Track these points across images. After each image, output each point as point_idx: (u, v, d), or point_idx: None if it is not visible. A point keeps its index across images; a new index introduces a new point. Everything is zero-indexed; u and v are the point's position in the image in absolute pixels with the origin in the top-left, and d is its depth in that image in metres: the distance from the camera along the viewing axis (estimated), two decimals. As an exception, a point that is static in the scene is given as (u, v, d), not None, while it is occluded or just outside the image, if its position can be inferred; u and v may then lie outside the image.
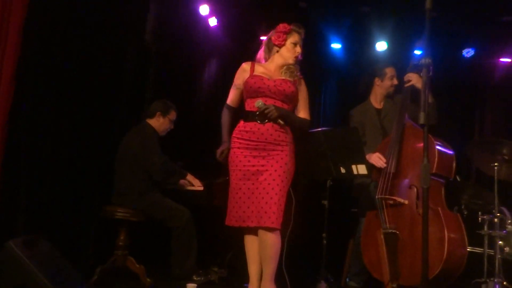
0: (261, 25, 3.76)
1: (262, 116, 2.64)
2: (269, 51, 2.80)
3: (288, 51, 2.74)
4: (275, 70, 2.75)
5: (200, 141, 4.24)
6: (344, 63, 4.91)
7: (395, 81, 3.44)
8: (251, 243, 2.67)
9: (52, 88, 3.20)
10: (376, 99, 3.50)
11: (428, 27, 2.10)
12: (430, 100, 3.12)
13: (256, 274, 2.67)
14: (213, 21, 4.46)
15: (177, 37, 4.19)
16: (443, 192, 3.00)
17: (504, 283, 3.09)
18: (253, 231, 2.65)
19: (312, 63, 4.67)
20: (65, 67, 3.27)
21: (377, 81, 3.51)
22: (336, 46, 4.92)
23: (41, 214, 3.05)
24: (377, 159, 3.09)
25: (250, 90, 2.68)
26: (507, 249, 3.22)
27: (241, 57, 2.91)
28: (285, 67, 2.73)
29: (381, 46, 4.79)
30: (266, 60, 2.80)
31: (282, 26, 2.74)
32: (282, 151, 2.66)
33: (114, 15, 3.60)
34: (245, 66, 2.78)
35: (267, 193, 2.59)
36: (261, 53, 2.83)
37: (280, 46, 2.74)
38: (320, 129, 3.03)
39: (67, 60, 3.27)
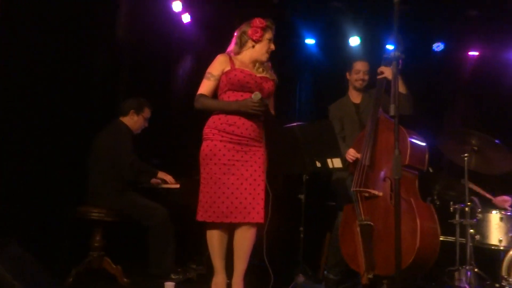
0: (235, 21, 3.72)
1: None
2: (241, 45, 2.76)
3: (263, 46, 2.73)
4: (248, 65, 2.73)
5: (176, 138, 4.22)
6: (318, 58, 4.97)
7: (362, 75, 3.47)
8: (220, 238, 2.64)
9: (21, 86, 3.15)
10: (353, 94, 3.55)
11: (397, 21, 2.14)
12: (404, 91, 3.20)
13: (223, 267, 2.66)
14: (186, 18, 4.45)
15: (150, 33, 4.13)
16: (416, 183, 3.07)
17: (476, 270, 3.21)
18: (224, 227, 2.64)
19: (286, 58, 4.77)
20: (33, 63, 3.21)
21: (348, 75, 3.56)
22: (310, 41, 4.97)
23: (11, 216, 3.00)
24: (349, 154, 3.15)
25: (235, 84, 2.63)
26: (478, 237, 3.33)
27: (215, 53, 2.80)
28: (258, 63, 2.73)
29: (354, 41, 4.86)
30: (236, 54, 2.76)
31: (258, 21, 2.71)
32: (260, 147, 2.69)
33: (84, 9, 3.55)
34: (223, 57, 2.72)
35: (254, 189, 2.59)
36: (232, 47, 2.79)
37: (257, 41, 2.72)
38: (295, 124, 3.06)
39: (35, 56, 3.21)
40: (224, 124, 2.62)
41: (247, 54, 2.74)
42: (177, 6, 4.36)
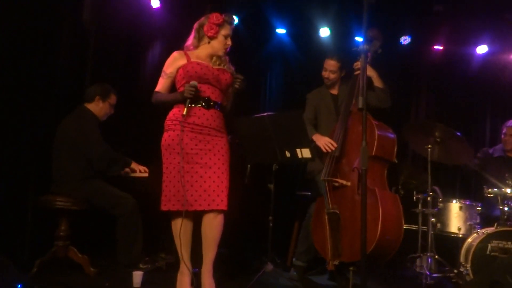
0: (206, 7, 3.72)
1: (206, 101, 2.70)
2: (199, 39, 2.81)
3: (219, 43, 2.77)
4: (205, 59, 2.78)
5: (142, 126, 4.19)
6: (289, 49, 4.99)
7: (327, 74, 3.54)
8: (185, 227, 2.68)
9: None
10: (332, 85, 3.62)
11: (366, 14, 2.21)
12: (380, 85, 3.32)
13: (189, 257, 2.71)
14: (155, 2, 4.39)
15: (117, 18, 4.04)
16: (385, 173, 3.18)
17: (436, 256, 3.40)
18: (189, 216, 2.69)
19: (257, 48, 4.81)
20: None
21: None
22: (280, 31, 4.99)
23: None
24: (326, 143, 3.22)
25: (193, 76, 2.69)
26: (438, 225, 3.54)
27: (185, 40, 2.87)
28: (215, 57, 2.78)
29: (324, 32, 4.93)
30: (195, 47, 2.81)
31: (215, 17, 2.74)
32: (222, 137, 2.76)
33: None
34: (178, 54, 2.78)
35: (218, 177, 2.64)
36: (191, 40, 2.83)
37: (212, 38, 2.77)
38: (265, 114, 3.07)
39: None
40: (185, 115, 2.66)
41: (203, 49, 2.80)
42: None
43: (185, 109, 2.63)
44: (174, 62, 2.77)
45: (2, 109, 3.22)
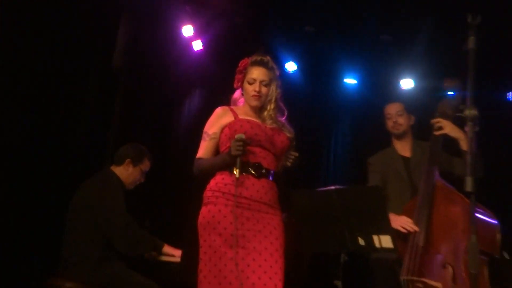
0: (259, 49, 3.84)
1: (257, 168, 2.69)
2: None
3: (246, 93, 2.82)
4: (254, 116, 2.84)
5: (173, 194, 4.26)
6: (360, 103, 5.03)
7: (394, 118, 3.56)
8: None
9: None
10: (398, 145, 3.60)
11: (472, 70, 2.18)
12: (471, 149, 3.23)
13: None
14: (197, 45, 4.58)
15: (152, 62, 4.28)
16: (485, 273, 2.99)
17: None
18: None
19: (319, 101, 4.87)
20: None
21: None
22: (350, 81, 5.05)
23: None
24: (405, 224, 3.11)
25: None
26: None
27: (231, 90, 2.97)
28: (266, 113, 2.83)
29: (407, 83, 4.96)
30: (243, 102, 2.91)
31: (240, 63, 2.82)
32: (275, 215, 2.74)
33: (77, 31, 3.69)
34: (222, 110, 2.84)
35: (271, 266, 2.59)
36: (237, 94, 2.92)
37: (242, 90, 2.85)
38: (332, 187, 2.98)
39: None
40: (229, 185, 2.66)
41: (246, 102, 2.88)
42: (187, 31, 4.48)
43: (236, 170, 2.61)
44: (218, 120, 2.82)
45: (11, 171, 3.35)
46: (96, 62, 4.02)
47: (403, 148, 3.59)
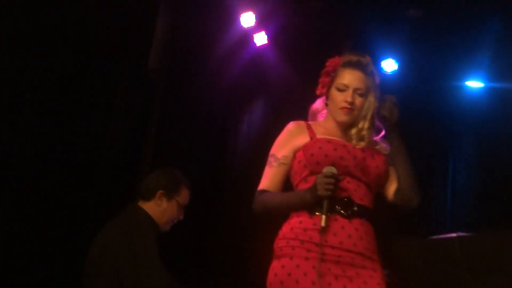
0: (345, 45, 3.51)
1: (347, 204, 2.47)
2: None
3: (333, 103, 2.66)
4: (337, 134, 2.68)
5: (226, 240, 4.19)
6: (488, 112, 4.70)
7: None
8: None
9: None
10: None
11: None
12: None
13: None
14: (260, 38, 4.53)
15: (198, 63, 4.24)
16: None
17: None
18: None
19: (433, 111, 4.70)
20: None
21: None
22: (474, 84, 4.85)
23: None
24: None
25: (322, 162, 2.52)
26: None
27: (307, 99, 2.80)
28: (354, 130, 2.66)
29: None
30: (324, 115, 2.79)
31: (329, 63, 2.69)
32: (374, 271, 2.51)
33: (105, 27, 3.66)
34: (296, 127, 2.70)
35: None
36: (319, 104, 2.79)
37: (327, 97, 2.69)
38: (453, 234, 2.83)
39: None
40: (311, 230, 2.48)
41: (330, 116, 2.77)
42: (247, 20, 4.38)
43: (323, 217, 2.42)
44: (291, 139, 2.65)
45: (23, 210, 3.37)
46: (128, 64, 4.00)
47: None
